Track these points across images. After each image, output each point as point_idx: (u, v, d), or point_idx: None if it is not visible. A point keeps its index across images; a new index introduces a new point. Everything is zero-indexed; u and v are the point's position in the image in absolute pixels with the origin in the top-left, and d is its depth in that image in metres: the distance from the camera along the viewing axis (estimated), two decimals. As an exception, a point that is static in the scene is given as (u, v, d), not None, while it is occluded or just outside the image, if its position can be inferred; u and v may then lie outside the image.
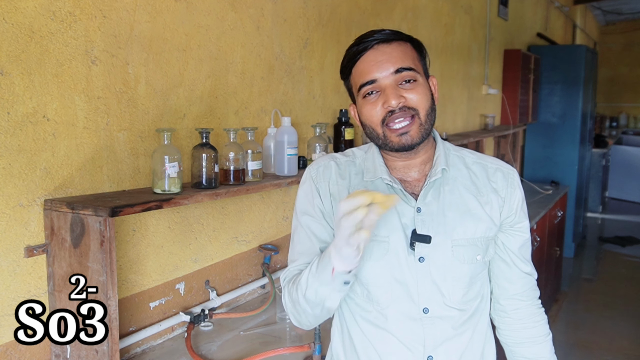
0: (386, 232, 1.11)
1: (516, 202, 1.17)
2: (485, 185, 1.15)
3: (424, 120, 1.07)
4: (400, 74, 1.06)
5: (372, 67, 1.07)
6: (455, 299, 1.12)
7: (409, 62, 1.07)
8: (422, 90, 1.07)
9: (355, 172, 1.17)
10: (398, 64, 1.06)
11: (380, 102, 1.06)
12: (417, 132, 1.06)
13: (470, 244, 1.11)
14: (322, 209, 1.15)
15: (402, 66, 1.06)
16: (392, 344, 1.13)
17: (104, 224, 1.21)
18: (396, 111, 1.05)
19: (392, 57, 1.07)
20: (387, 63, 1.06)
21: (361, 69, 1.09)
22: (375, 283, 1.12)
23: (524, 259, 1.22)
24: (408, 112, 1.05)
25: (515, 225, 1.18)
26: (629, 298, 4.82)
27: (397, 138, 1.06)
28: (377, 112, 1.06)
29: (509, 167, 1.20)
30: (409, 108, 1.05)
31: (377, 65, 1.06)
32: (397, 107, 1.04)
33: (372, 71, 1.07)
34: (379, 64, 1.06)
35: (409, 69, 1.06)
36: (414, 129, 1.06)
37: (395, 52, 1.07)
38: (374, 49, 1.08)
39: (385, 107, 1.05)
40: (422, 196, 1.11)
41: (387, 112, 1.05)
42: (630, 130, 10.29)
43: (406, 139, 1.06)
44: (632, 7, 8.93)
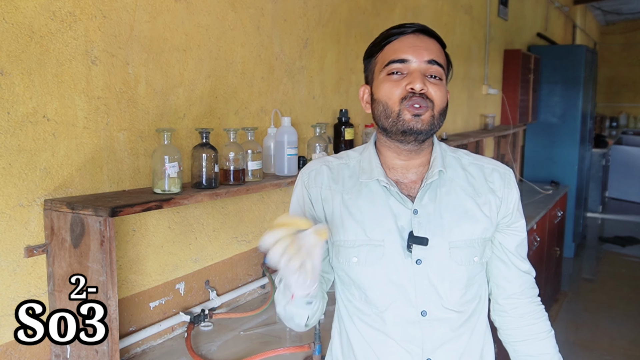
0: (381, 236, 1.10)
1: (513, 202, 1.17)
2: (482, 186, 1.15)
3: (437, 115, 1.08)
4: (431, 66, 1.07)
5: (409, 49, 1.08)
6: (453, 301, 1.12)
7: (441, 60, 1.09)
8: (443, 90, 1.09)
9: (349, 174, 1.16)
10: (433, 56, 1.08)
11: (404, 82, 1.06)
12: (428, 121, 1.06)
13: (468, 245, 1.11)
14: (313, 214, 1.16)
15: (436, 59, 1.08)
16: (391, 347, 1.13)
17: (104, 224, 1.21)
18: (417, 94, 1.05)
19: (430, 47, 1.09)
20: (424, 50, 1.07)
21: (396, 47, 1.09)
22: (372, 287, 1.12)
23: (522, 257, 1.22)
24: (426, 101, 1.06)
25: (512, 225, 1.18)
26: (629, 298, 4.82)
27: (410, 117, 1.05)
28: (399, 90, 1.06)
29: (504, 167, 1.20)
30: (428, 98, 1.06)
31: (414, 49, 1.07)
32: (419, 90, 1.05)
33: (407, 52, 1.07)
34: (415, 47, 1.08)
35: (440, 65, 1.08)
36: (427, 117, 1.06)
37: (433, 45, 1.10)
38: (414, 35, 1.10)
39: (407, 88, 1.06)
40: (419, 198, 1.11)
41: (408, 93, 1.06)
42: (630, 130, 10.29)
43: (417, 122, 1.06)
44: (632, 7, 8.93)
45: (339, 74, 2.44)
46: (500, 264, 1.21)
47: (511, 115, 4.91)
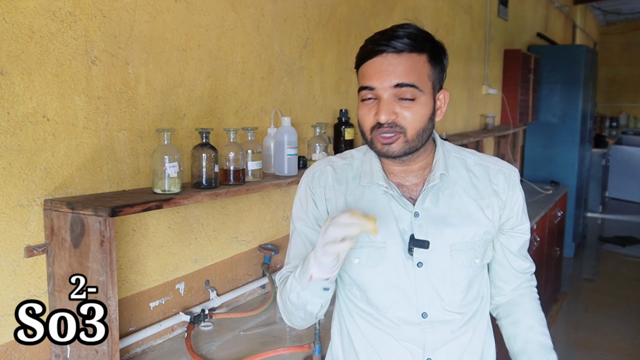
0: (383, 238, 1.10)
1: (517, 204, 1.16)
2: (486, 188, 1.14)
3: (411, 138, 1.05)
4: (400, 89, 1.03)
5: (374, 75, 1.04)
6: (454, 303, 1.12)
7: (413, 78, 1.03)
8: (418, 110, 1.04)
9: (353, 176, 1.17)
10: (400, 79, 1.02)
11: (374, 110, 1.05)
12: (400, 147, 1.05)
13: (469, 248, 1.11)
14: (316, 214, 1.16)
15: (404, 82, 1.02)
16: (392, 345, 1.13)
17: (104, 224, 1.21)
18: (384, 126, 1.04)
19: (397, 70, 1.03)
20: (390, 75, 1.02)
21: (364, 72, 1.06)
22: (373, 288, 1.12)
23: (523, 257, 1.23)
24: (394, 129, 1.04)
25: (516, 228, 1.18)
26: (629, 298, 4.82)
27: (381, 146, 1.06)
28: (369, 118, 1.06)
29: (510, 167, 1.18)
30: (397, 125, 1.04)
31: (379, 75, 1.03)
32: (385, 122, 1.03)
33: (372, 78, 1.04)
34: (380, 73, 1.03)
35: (410, 86, 1.03)
36: (398, 144, 1.05)
37: (401, 66, 1.03)
38: (382, 57, 1.04)
39: (375, 118, 1.04)
40: (420, 201, 1.10)
41: (376, 123, 1.05)
42: (630, 130, 10.29)
43: (387, 149, 1.06)
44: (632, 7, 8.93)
45: (339, 74, 2.44)
46: (498, 266, 1.22)
47: (511, 115, 4.91)
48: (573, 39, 8.22)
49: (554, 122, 5.71)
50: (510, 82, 4.97)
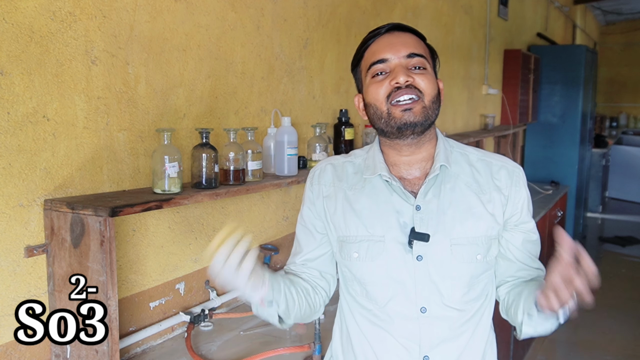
0: (382, 232, 1.10)
1: (521, 200, 1.15)
2: (488, 183, 1.14)
3: (429, 105, 1.07)
4: (412, 59, 1.07)
5: (385, 48, 1.08)
6: (454, 299, 1.11)
7: (421, 50, 1.09)
8: (430, 79, 1.08)
9: (354, 171, 1.18)
10: (411, 49, 1.08)
11: (387, 80, 1.07)
12: (420, 112, 1.06)
13: (470, 242, 1.10)
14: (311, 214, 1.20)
15: (415, 52, 1.08)
16: (389, 343, 1.13)
17: (104, 224, 1.21)
18: (402, 87, 1.05)
19: (406, 42, 1.09)
20: (401, 46, 1.08)
21: (374, 50, 1.10)
22: (372, 282, 1.12)
23: (532, 255, 1.18)
24: (413, 91, 1.05)
25: (520, 225, 1.16)
26: (629, 298, 4.82)
27: (401, 113, 1.05)
28: (383, 88, 1.07)
29: (514, 164, 1.18)
30: (415, 88, 1.06)
31: (391, 46, 1.08)
32: (404, 83, 1.05)
33: (384, 51, 1.08)
34: (392, 45, 1.08)
35: (421, 56, 1.08)
36: (417, 108, 1.06)
37: (409, 39, 1.10)
38: (389, 33, 1.10)
39: (392, 84, 1.05)
40: (422, 194, 1.10)
41: (393, 89, 1.05)
42: (630, 130, 10.29)
43: (409, 116, 1.05)
44: (632, 7, 8.94)
45: (339, 74, 2.44)
46: (507, 262, 1.17)
47: (511, 115, 4.91)
48: (573, 39, 8.22)
49: (554, 122, 5.71)
50: (510, 82, 4.97)
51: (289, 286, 1.14)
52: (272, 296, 1.08)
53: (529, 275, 1.17)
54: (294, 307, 1.14)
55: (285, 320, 1.15)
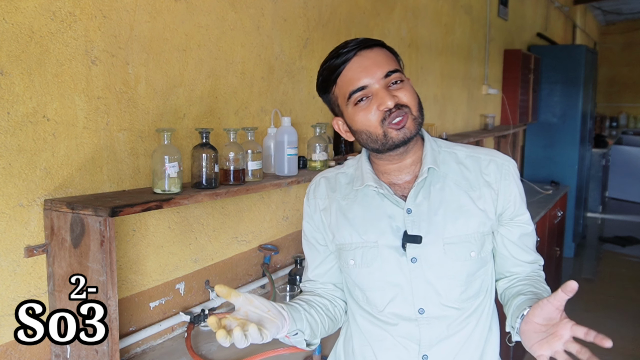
0: (375, 237, 1.12)
1: (512, 194, 1.14)
2: (477, 179, 1.14)
3: (416, 114, 1.08)
4: (389, 77, 1.06)
5: (361, 74, 1.06)
6: (452, 298, 1.12)
7: (394, 65, 1.08)
8: (410, 89, 1.08)
9: (347, 181, 1.20)
10: (385, 68, 1.06)
11: (373, 105, 1.06)
12: (412, 124, 1.07)
13: (463, 240, 1.11)
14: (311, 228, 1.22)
15: (390, 69, 1.06)
16: (388, 343, 1.14)
17: (104, 224, 1.21)
18: (393, 110, 1.05)
19: (378, 61, 1.06)
20: (375, 67, 1.06)
21: (349, 77, 1.07)
22: (370, 287, 1.14)
23: (528, 248, 1.19)
24: (403, 109, 1.06)
25: (515, 218, 1.16)
26: (629, 298, 4.82)
27: (397, 132, 1.06)
28: (373, 115, 1.06)
29: (504, 157, 1.17)
30: (402, 105, 1.06)
31: (366, 71, 1.05)
32: (393, 106, 1.05)
33: (361, 77, 1.06)
34: (366, 69, 1.05)
35: (396, 71, 1.07)
36: (409, 122, 1.06)
37: (379, 57, 1.07)
38: (358, 56, 1.07)
39: (381, 109, 1.05)
40: (411, 197, 1.11)
41: (384, 113, 1.05)
42: (630, 130, 10.28)
43: (405, 132, 1.06)
44: (632, 7, 8.93)
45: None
46: (500, 258, 1.19)
47: (511, 115, 4.91)
48: (573, 39, 8.22)
49: (554, 122, 5.71)
50: (510, 82, 4.97)
51: (308, 310, 1.15)
52: (296, 327, 1.09)
53: (523, 272, 1.19)
54: (318, 328, 1.16)
55: (312, 342, 1.16)
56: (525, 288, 1.14)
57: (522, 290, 1.14)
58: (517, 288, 1.16)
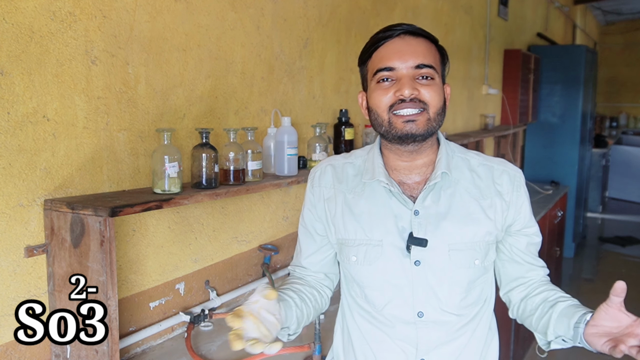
0: (380, 236, 1.10)
1: (523, 205, 1.15)
2: (489, 188, 1.13)
3: (433, 117, 1.06)
4: (420, 70, 1.05)
5: (394, 55, 1.05)
6: (452, 304, 1.11)
7: (430, 60, 1.06)
8: (437, 90, 1.06)
9: (354, 173, 1.17)
10: (420, 59, 1.05)
11: (393, 89, 1.05)
12: (424, 124, 1.05)
13: (468, 248, 1.10)
14: (312, 217, 1.19)
15: (424, 62, 1.05)
16: (387, 344, 1.13)
17: (104, 224, 1.21)
18: (407, 101, 1.03)
19: (417, 50, 1.05)
20: (410, 55, 1.05)
21: (382, 54, 1.07)
22: (370, 285, 1.13)
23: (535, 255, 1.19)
24: (418, 104, 1.04)
25: (523, 230, 1.16)
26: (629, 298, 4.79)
27: (402, 124, 1.04)
28: (387, 97, 1.05)
29: (515, 169, 1.17)
30: (420, 101, 1.04)
31: (399, 55, 1.05)
32: (408, 97, 1.03)
33: (393, 58, 1.05)
34: (401, 53, 1.05)
35: (430, 67, 1.05)
36: (421, 120, 1.04)
37: (420, 47, 1.06)
38: (400, 38, 1.07)
39: (396, 95, 1.04)
40: (421, 199, 1.10)
41: (397, 100, 1.04)
42: (630, 130, 10.29)
43: (411, 127, 1.04)
44: (632, 7, 8.93)
45: (339, 74, 2.44)
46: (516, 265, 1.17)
47: (511, 115, 4.91)
48: (573, 39, 8.22)
49: (554, 122, 5.71)
50: (510, 82, 4.97)
51: (299, 305, 1.14)
52: (285, 323, 1.08)
53: (537, 275, 1.18)
54: (303, 320, 1.15)
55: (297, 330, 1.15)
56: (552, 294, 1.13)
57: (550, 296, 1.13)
58: (543, 295, 1.14)
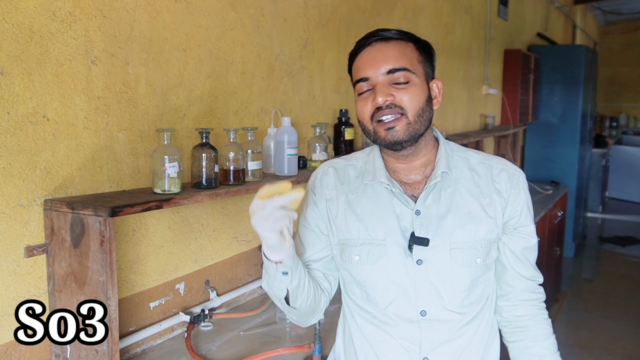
0: (383, 235, 1.11)
1: (520, 204, 1.15)
2: (488, 186, 1.14)
3: (413, 120, 1.06)
4: (393, 75, 1.06)
5: (366, 65, 1.08)
6: (455, 303, 1.11)
7: (404, 63, 1.06)
8: (415, 91, 1.06)
9: (355, 175, 1.18)
10: (391, 64, 1.06)
11: (371, 99, 1.06)
12: (404, 129, 1.05)
13: (470, 246, 1.10)
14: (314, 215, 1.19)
15: (395, 67, 1.06)
16: (389, 344, 1.13)
17: (104, 224, 1.21)
18: (383, 107, 1.05)
19: (387, 56, 1.07)
20: (381, 62, 1.06)
21: (358, 65, 1.10)
22: (373, 285, 1.13)
23: (528, 262, 1.19)
24: (395, 110, 1.05)
25: (519, 228, 1.16)
26: (629, 298, 4.82)
27: (385, 132, 1.06)
28: (367, 108, 1.07)
29: (515, 168, 1.18)
30: (397, 106, 1.05)
31: (371, 63, 1.07)
32: (383, 104, 1.04)
33: (365, 68, 1.08)
34: (372, 62, 1.07)
35: (403, 70, 1.06)
36: (401, 126, 1.05)
37: (391, 52, 1.07)
38: (371, 47, 1.09)
39: (373, 104, 1.06)
40: (422, 199, 1.11)
41: (375, 109, 1.06)
42: (630, 130, 10.29)
43: (392, 135, 1.05)
44: (632, 7, 8.93)
45: (339, 74, 2.44)
46: (501, 268, 1.19)
47: (511, 115, 4.91)
48: (573, 39, 8.22)
49: (554, 122, 5.71)
50: (510, 82, 4.97)
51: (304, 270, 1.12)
52: (291, 266, 1.05)
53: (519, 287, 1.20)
54: (304, 291, 1.11)
55: (290, 302, 1.12)
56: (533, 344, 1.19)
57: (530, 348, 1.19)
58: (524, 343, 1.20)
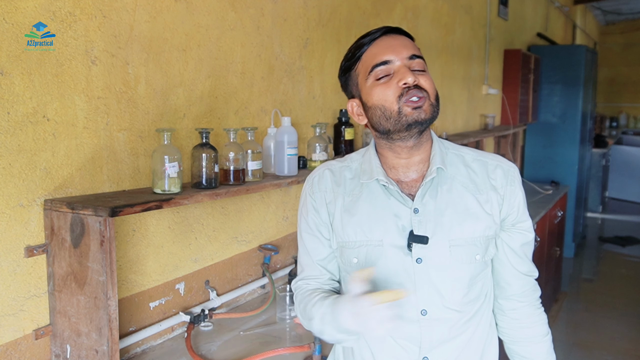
0: (380, 236, 1.11)
1: (517, 200, 1.16)
2: (484, 183, 1.14)
3: (434, 103, 1.09)
4: (414, 61, 1.08)
5: (386, 50, 1.09)
6: (455, 300, 1.11)
7: (419, 53, 1.11)
8: (430, 79, 1.10)
9: (351, 176, 1.18)
10: (412, 51, 1.09)
11: (394, 81, 1.07)
12: (429, 109, 1.07)
13: (469, 243, 1.11)
14: (317, 221, 1.18)
15: (416, 53, 1.09)
16: (389, 344, 1.13)
17: (104, 224, 1.21)
18: (412, 88, 1.06)
19: (406, 44, 1.10)
20: (402, 48, 1.09)
21: (374, 52, 1.10)
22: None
23: (525, 257, 1.20)
24: (422, 91, 1.06)
25: (517, 225, 1.17)
26: (629, 298, 4.82)
27: (412, 111, 1.06)
28: (391, 90, 1.07)
29: (509, 163, 1.18)
30: (421, 88, 1.07)
31: (392, 48, 1.09)
32: (412, 83, 1.05)
33: (386, 53, 1.08)
34: (392, 47, 1.09)
35: (421, 58, 1.10)
36: (427, 106, 1.07)
37: (407, 42, 1.11)
38: (386, 36, 1.11)
39: (400, 85, 1.06)
40: (419, 196, 1.11)
41: (403, 89, 1.06)
42: (630, 130, 10.28)
43: (419, 113, 1.06)
44: (632, 7, 8.93)
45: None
46: (499, 265, 1.20)
47: (511, 115, 4.91)
48: (573, 39, 8.22)
49: (554, 122, 5.71)
50: (510, 82, 4.97)
51: None
52: None
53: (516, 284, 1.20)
54: None
55: None
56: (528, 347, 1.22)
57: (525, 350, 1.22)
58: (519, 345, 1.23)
